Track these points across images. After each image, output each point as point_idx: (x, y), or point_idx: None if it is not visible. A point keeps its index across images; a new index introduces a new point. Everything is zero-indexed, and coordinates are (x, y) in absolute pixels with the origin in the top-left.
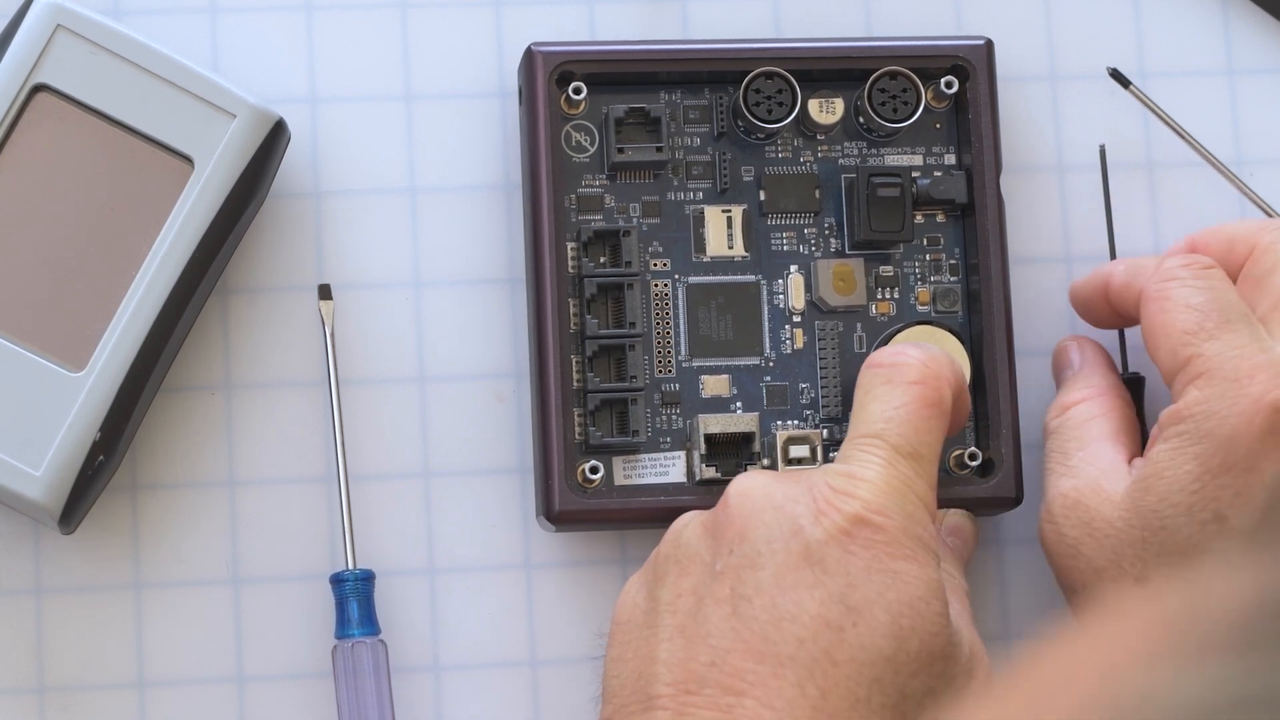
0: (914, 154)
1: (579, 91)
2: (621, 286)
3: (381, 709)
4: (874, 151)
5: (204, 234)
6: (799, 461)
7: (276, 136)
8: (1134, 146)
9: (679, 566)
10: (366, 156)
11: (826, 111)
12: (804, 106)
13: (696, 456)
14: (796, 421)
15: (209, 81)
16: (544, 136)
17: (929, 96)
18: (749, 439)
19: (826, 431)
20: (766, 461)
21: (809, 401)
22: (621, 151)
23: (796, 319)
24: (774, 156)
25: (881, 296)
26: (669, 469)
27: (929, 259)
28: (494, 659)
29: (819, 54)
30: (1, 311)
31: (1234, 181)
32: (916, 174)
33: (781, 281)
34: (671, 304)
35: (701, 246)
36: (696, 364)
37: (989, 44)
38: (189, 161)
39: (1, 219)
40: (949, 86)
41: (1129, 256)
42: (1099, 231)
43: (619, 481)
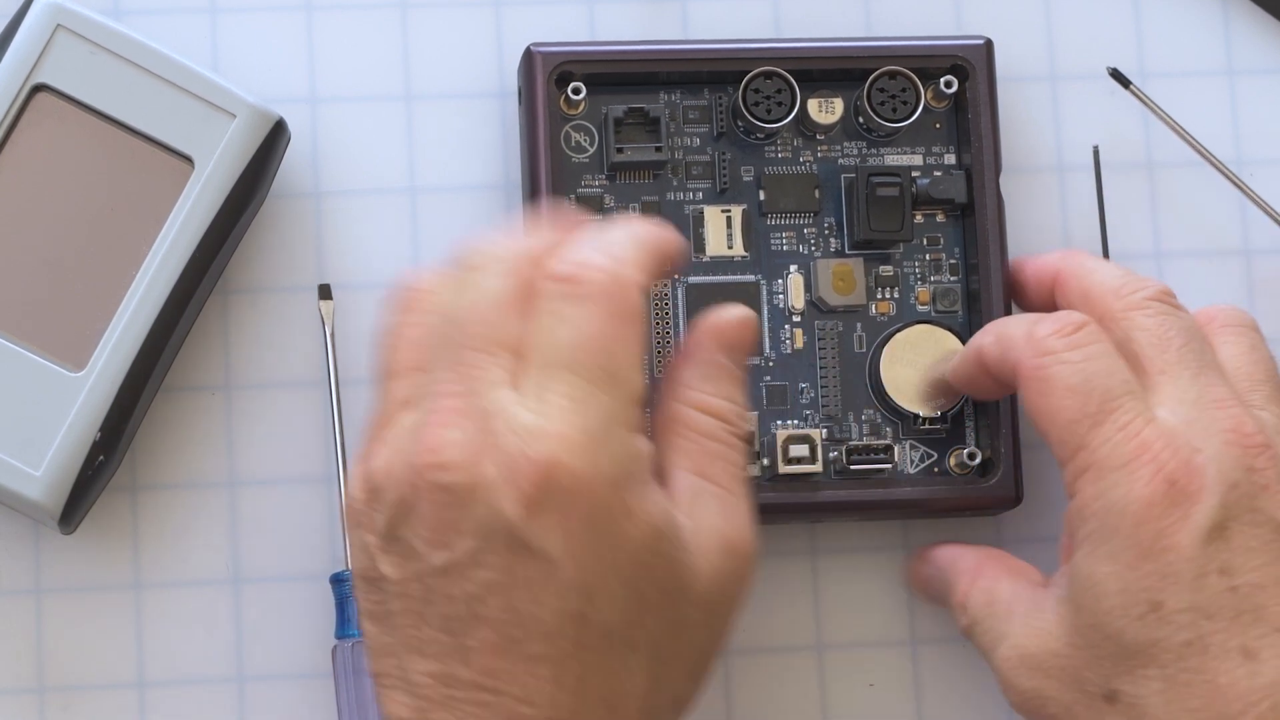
0: (914, 154)
1: (578, 92)
2: None
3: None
4: (874, 151)
5: (204, 234)
6: (799, 460)
7: (276, 136)
8: (1134, 146)
9: (385, 545)
10: (366, 156)
11: (826, 111)
12: (803, 106)
13: None
14: (796, 421)
15: (209, 81)
16: (543, 137)
17: (929, 96)
18: (748, 438)
19: (826, 431)
20: (766, 461)
21: (809, 401)
22: (621, 151)
23: (796, 319)
24: (773, 156)
25: (881, 296)
26: None
27: (929, 259)
28: None
29: (818, 54)
30: (1, 311)
31: (1234, 181)
32: (916, 174)
33: (781, 281)
34: (671, 304)
35: (701, 246)
36: None
37: (988, 44)
38: (189, 161)
39: (1, 219)
40: (949, 86)
41: (1003, 318)
42: (1098, 231)
43: None
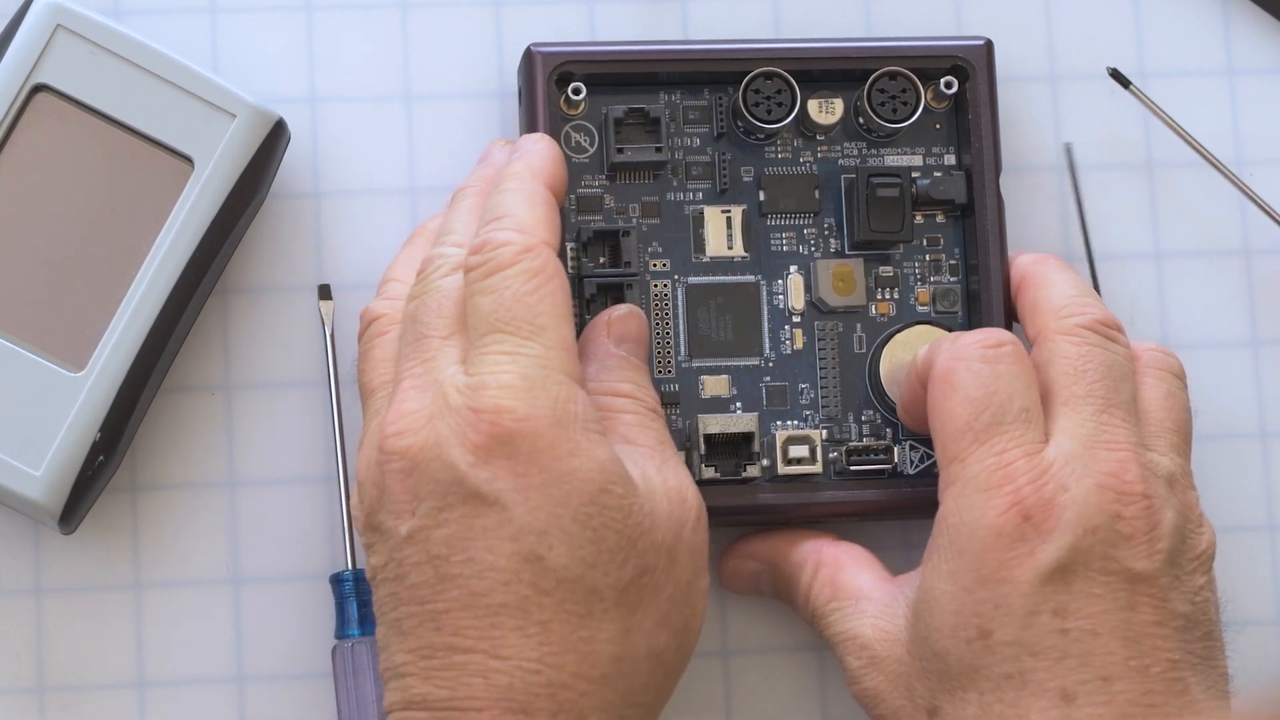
0: (914, 154)
1: (578, 92)
2: (621, 287)
3: (381, 709)
4: (874, 152)
5: (204, 234)
6: (799, 461)
7: (276, 136)
8: (1134, 146)
9: (370, 539)
10: (366, 156)
11: (826, 112)
12: (804, 107)
13: (696, 457)
14: (796, 421)
15: (209, 81)
16: None
17: (929, 97)
18: (748, 439)
19: (826, 431)
20: (766, 462)
21: (809, 402)
22: (621, 152)
23: (796, 319)
24: (773, 157)
25: (881, 297)
26: None
27: (929, 259)
28: None
29: (818, 54)
30: (1, 311)
31: (1234, 181)
32: (916, 174)
33: (781, 282)
34: (671, 304)
35: (701, 247)
36: (696, 364)
37: (989, 44)
38: (189, 161)
39: (1, 219)
40: (949, 87)
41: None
42: (1098, 231)
43: None
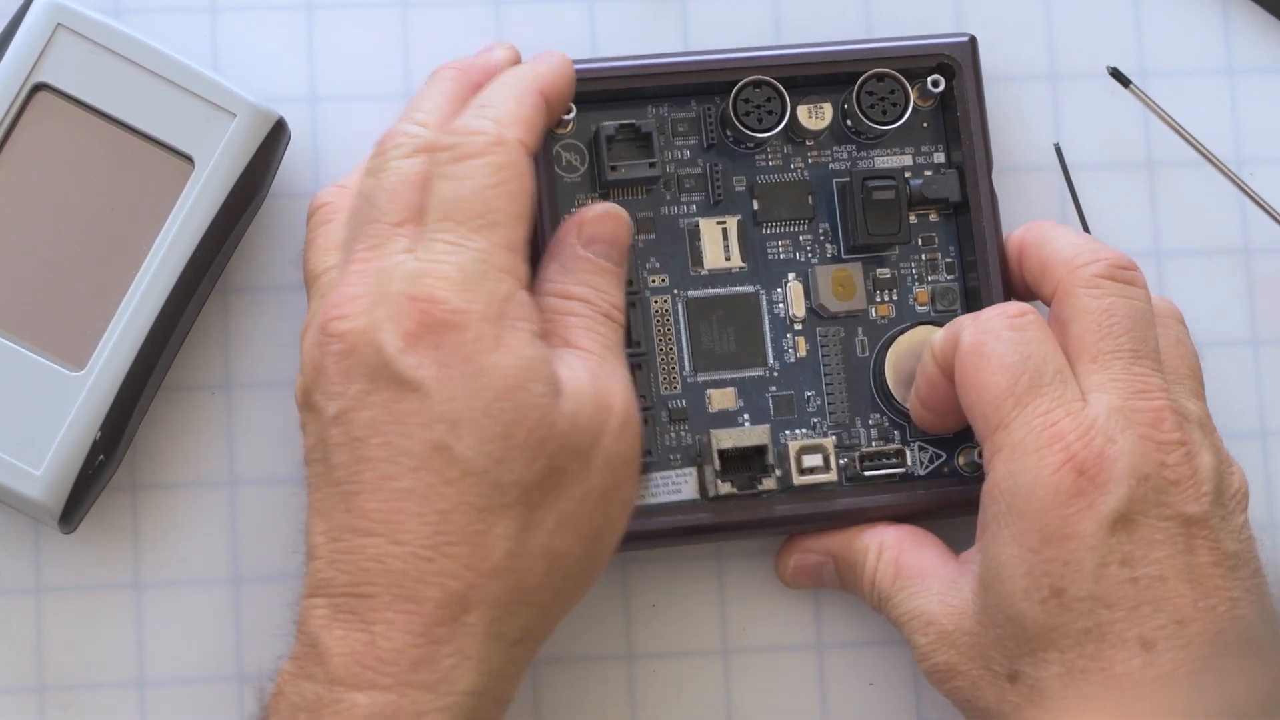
0: (903, 154)
1: (568, 111)
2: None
3: None
4: (864, 154)
5: (204, 234)
6: (813, 470)
7: (277, 136)
8: (1134, 146)
9: (304, 418)
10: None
11: (815, 117)
12: (793, 113)
13: (710, 472)
14: (805, 430)
15: (209, 81)
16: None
17: (915, 96)
18: (761, 451)
19: (835, 438)
20: (780, 473)
21: (816, 409)
22: (615, 169)
23: (798, 327)
24: (765, 165)
25: (880, 299)
26: (681, 486)
27: (925, 259)
28: None
29: (805, 60)
30: (1, 311)
31: (1234, 181)
32: (908, 174)
33: (780, 290)
34: (672, 319)
35: (699, 259)
36: (702, 378)
37: (973, 40)
38: (189, 161)
39: (1, 219)
40: (935, 85)
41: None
42: (1098, 231)
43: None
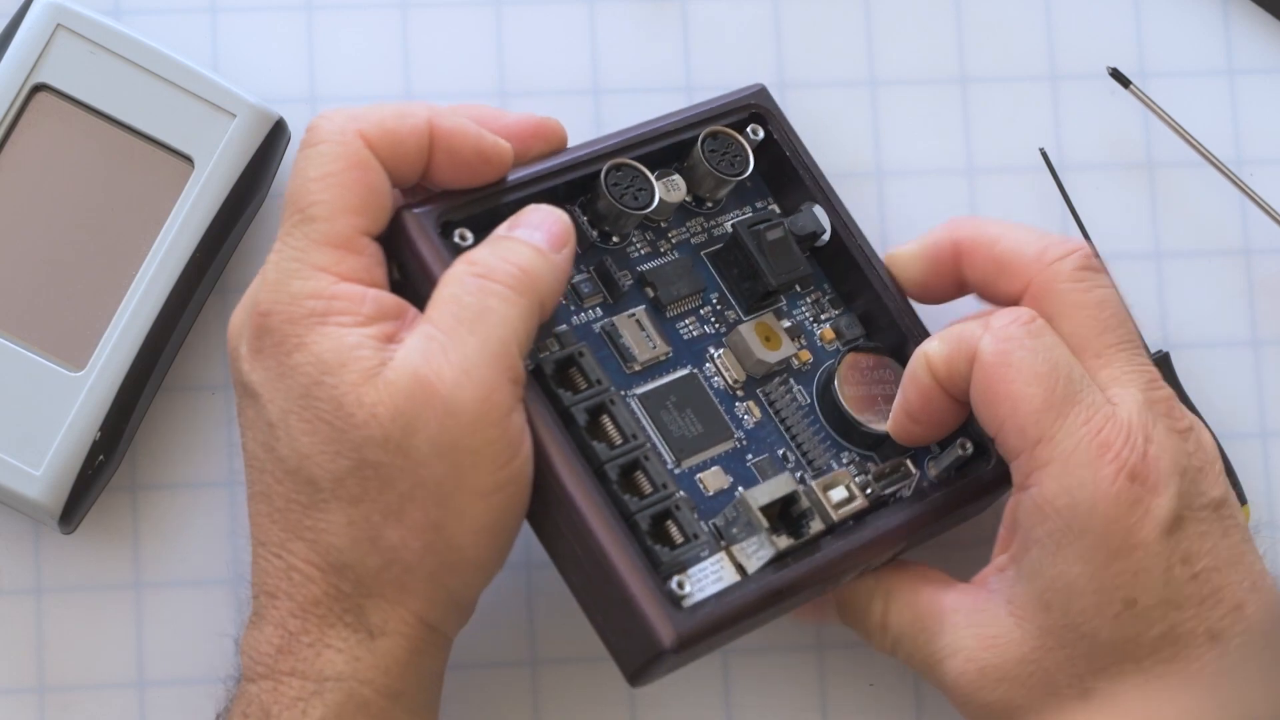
0: (744, 212)
1: (465, 238)
2: (604, 406)
3: None
4: (714, 222)
5: (204, 234)
6: (844, 503)
7: (276, 136)
8: (1134, 146)
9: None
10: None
11: (671, 190)
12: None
13: (765, 536)
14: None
15: (209, 81)
16: None
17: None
18: (793, 499)
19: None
20: (820, 524)
21: (794, 462)
22: None
23: (740, 393)
24: (637, 255)
25: (798, 346)
26: (721, 574)
27: (810, 299)
28: (494, 659)
29: (645, 136)
30: (1, 311)
31: (1234, 181)
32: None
33: (711, 364)
34: (636, 419)
35: (630, 357)
36: (687, 467)
37: (762, 88)
38: (189, 161)
39: (1, 219)
40: (755, 133)
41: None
42: (1098, 229)
43: (686, 605)
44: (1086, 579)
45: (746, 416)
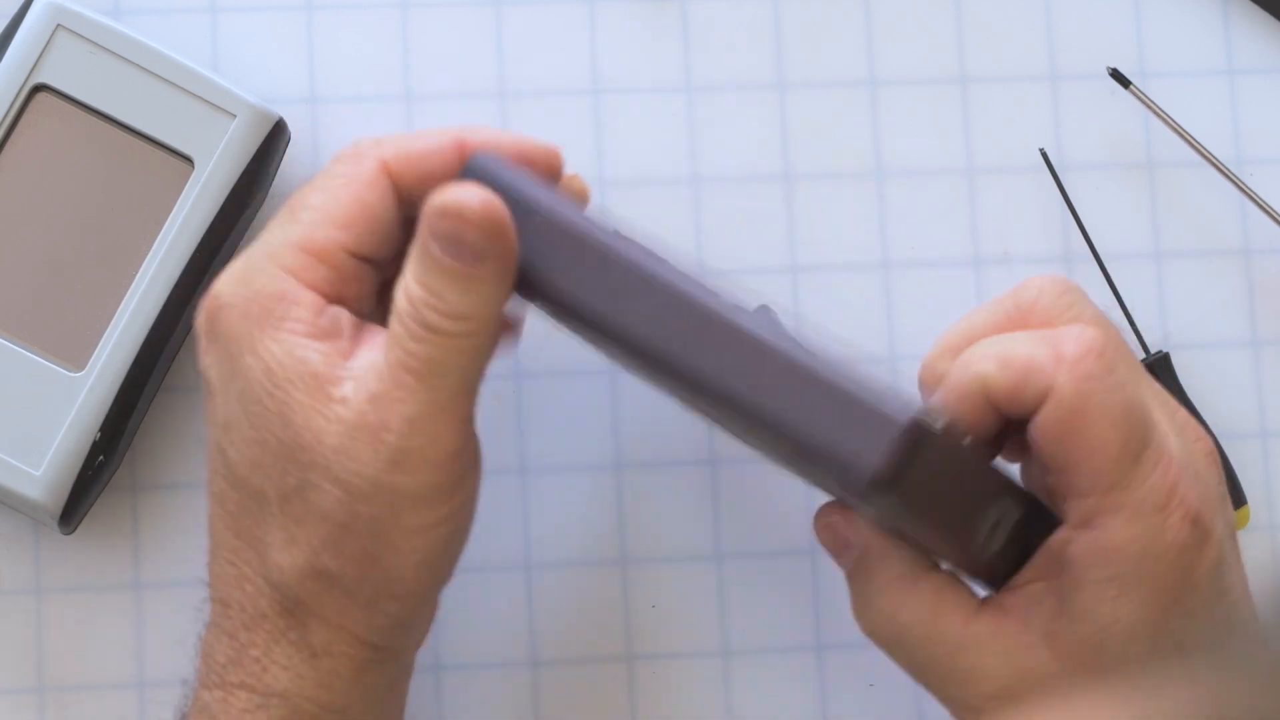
0: None
1: None
2: None
3: None
4: None
5: (204, 234)
6: None
7: (276, 136)
8: (1134, 146)
9: None
10: None
11: None
12: None
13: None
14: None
15: (209, 81)
16: None
17: None
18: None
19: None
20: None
21: None
22: None
23: None
24: None
25: None
26: None
27: None
28: (494, 659)
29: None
30: (1, 311)
31: (1234, 181)
32: None
33: None
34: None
35: None
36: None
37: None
38: (189, 161)
39: (1, 219)
40: None
41: (988, 339)
42: (1098, 229)
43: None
44: (1145, 625)
45: None
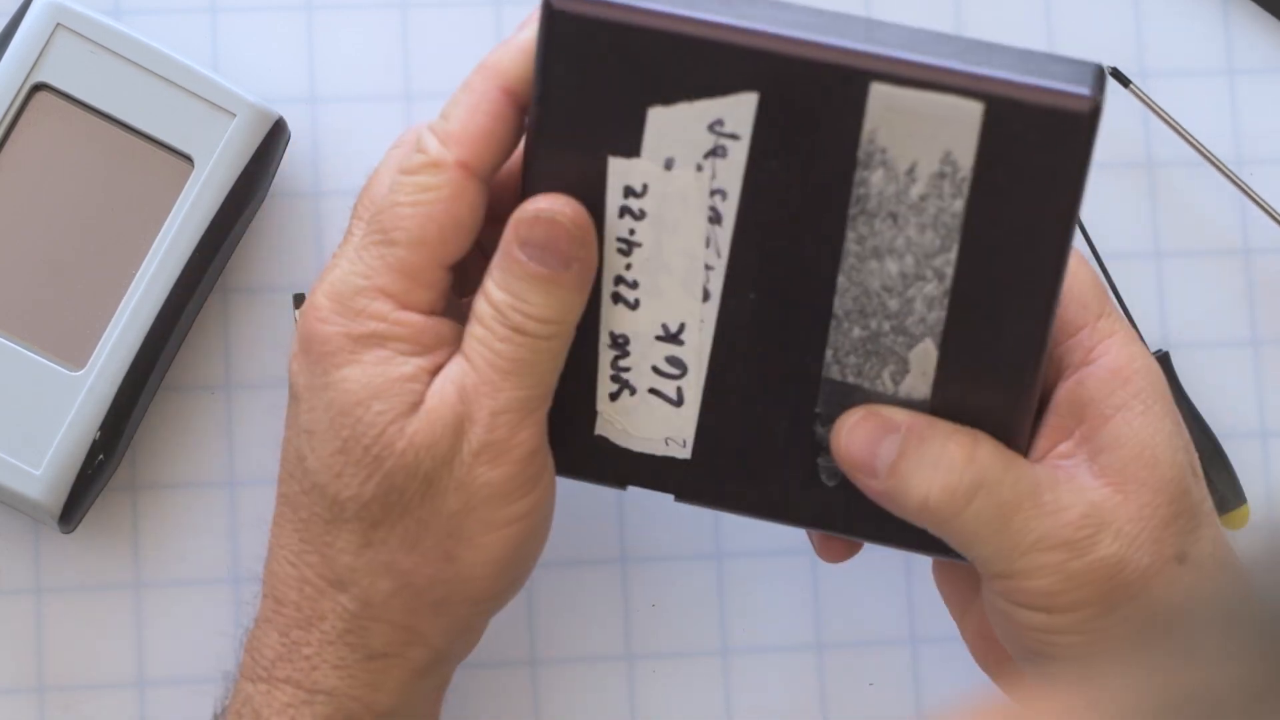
0: None
1: None
2: None
3: None
4: None
5: (204, 233)
6: None
7: (276, 136)
8: (1134, 146)
9: None
10: (366, 156)
11: None
12: None
13: None
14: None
15: (209, 81)
16: None
17: None
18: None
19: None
20: None
21: None
22: None
23: None
24: None
25: None
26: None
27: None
28: (494, 658)
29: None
30: (1, 311)
31: (1234, 181)
32: None
33: None
34: None
35: None
36: None
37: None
38: (189, 161)
39: (1, 219)
40: None
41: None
42: (1098, 229)
43: None
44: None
45: None
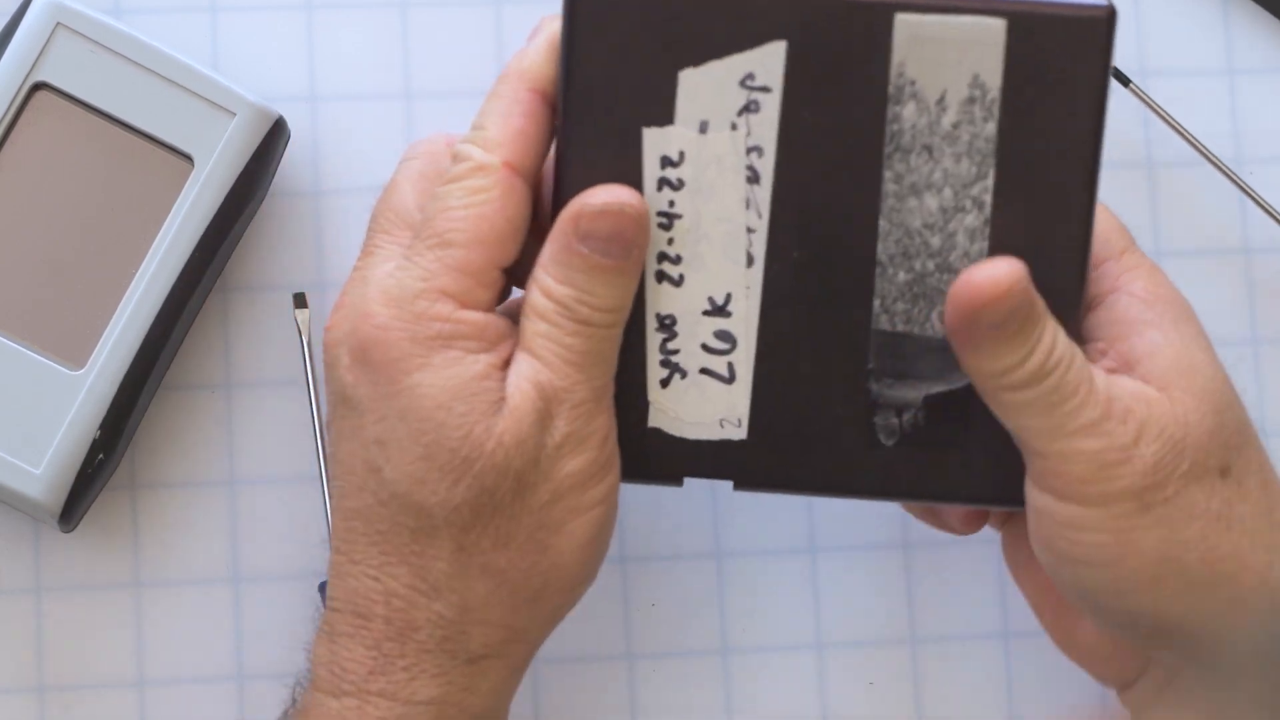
0: None
1: None
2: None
3: None
4: None
5: (204, 233)
6: None
7: (276, 135)
8: (1134, 146)
9: None
10: (366, 155)
11: None
12: None
13: None
14: None
15: (209, 80)
16: None
17: None
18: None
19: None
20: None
21: None
22: None
23: None
24: None
25: None
26: None
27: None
28: None
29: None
30: (1, 311)
31: (1234, 180)
32: None
33: None
34: None
35: None
36: None
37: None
38: (189, 160)
39: (1, 218)
40: None
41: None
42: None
43: None
44: (1218, 361)
45: None
